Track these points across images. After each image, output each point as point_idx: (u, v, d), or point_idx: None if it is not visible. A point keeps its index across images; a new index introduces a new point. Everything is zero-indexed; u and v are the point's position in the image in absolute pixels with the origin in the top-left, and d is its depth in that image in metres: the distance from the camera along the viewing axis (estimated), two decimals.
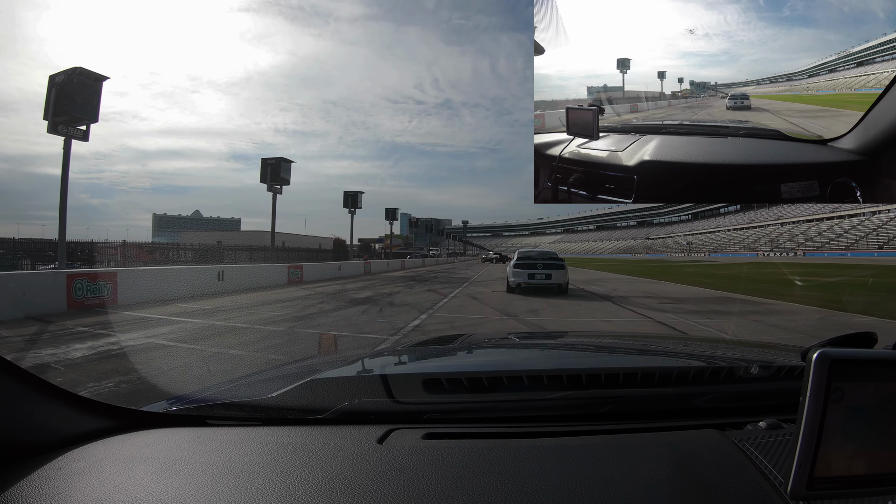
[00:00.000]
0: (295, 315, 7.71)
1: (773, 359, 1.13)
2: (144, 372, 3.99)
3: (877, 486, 0.48)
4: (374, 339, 5.63)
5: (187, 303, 8.95)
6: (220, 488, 0.60)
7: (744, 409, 0.84)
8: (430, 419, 0.81)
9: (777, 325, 6.53)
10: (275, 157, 20.01)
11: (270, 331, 6.18)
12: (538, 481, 0.60)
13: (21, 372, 0.70)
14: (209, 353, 4.77)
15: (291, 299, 10.18)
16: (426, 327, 6.59)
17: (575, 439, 0.73)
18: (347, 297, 10.77)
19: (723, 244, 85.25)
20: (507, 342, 1.80)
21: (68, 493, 0.59)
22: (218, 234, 44.93)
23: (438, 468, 0.63)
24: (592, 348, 1.61)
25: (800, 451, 0.46)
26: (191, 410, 0.85)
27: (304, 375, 0.97)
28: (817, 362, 0.45)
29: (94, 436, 0.75)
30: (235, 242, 31.08)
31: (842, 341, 0.59)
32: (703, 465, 0.64)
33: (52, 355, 4.52)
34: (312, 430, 0.78)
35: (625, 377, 0.96)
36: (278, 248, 25.16)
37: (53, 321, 6.60)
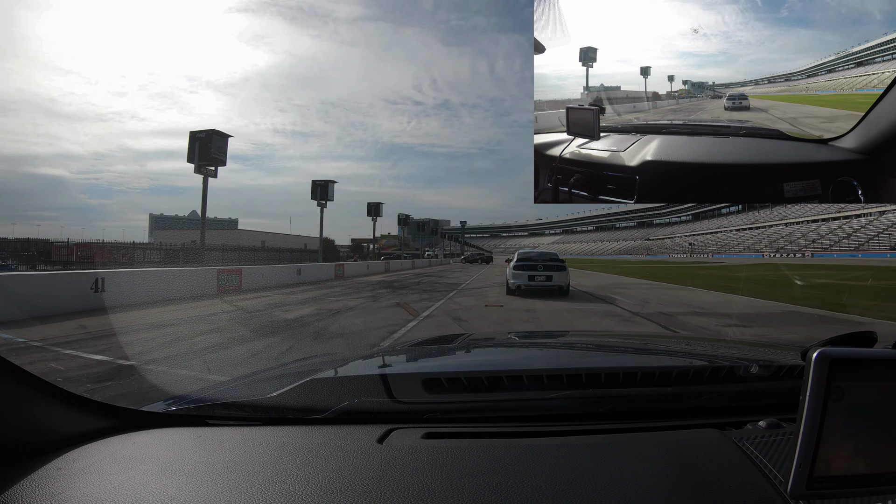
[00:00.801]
0: (113, 368, 4.11)
1: (773, 358, 1.13)
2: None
3: (877, 486, 0.48)
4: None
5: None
6: (221, 488, 0.60)
7: (744, 408, 0.84)
8: (430, 419, 0.81)
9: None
10: (205, 130, 15.64)
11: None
12: (538, 481, 0.60)
13: (21, 372, 0.71)
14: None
15: (163, 324, 6.60)
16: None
17: (575, 439, 0.73)
18: (265, 319, 7.51)
19: (726, 245, 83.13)
20: (507, 341, 1.80)
21: (68, 493, 0.59)
22: (216, 234, 44.37)
23: (438, 468, 0.63)
24: (592, 348, 1.61)
25: (800, 450, 0.46)
26: (191, 410, 0.85)
27: (303, 375, 0.97)
28: (817, 361, 0.45)
29: (94, 436, 0.75)
30: (224, 242, 30.29)
31: (841, 340, 0.59)
32: (702, 465, 0.64)
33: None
34: (312, 430, 0.78)
35: (625, 377, 0.96)
36: (256, 248, 24.59)
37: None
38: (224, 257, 22.17)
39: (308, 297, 11.07)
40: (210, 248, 20.27)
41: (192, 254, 18.61)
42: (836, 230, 66.98)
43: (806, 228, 73.69)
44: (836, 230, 66.98)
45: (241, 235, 46.26)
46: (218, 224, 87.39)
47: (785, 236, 74.61)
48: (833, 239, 64.60)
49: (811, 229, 71.95)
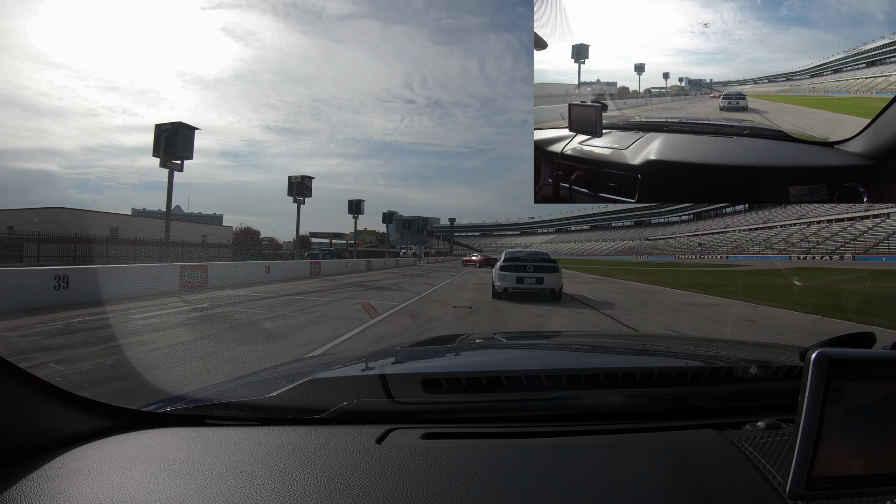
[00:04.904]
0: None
1: (772, 359, 1.13)
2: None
3: (875, 486, 0.48)
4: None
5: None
6: (219, 488, 0.60)
7: (742, 409, 0.84)
8: (429, 419, 0.81)
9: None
10: (171, 123, 14.27)
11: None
12: (537, 481, 0.60)
13: (20, 372, 0.70)
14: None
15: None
16: None
17: (573, 439, 0.73)
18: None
19: (740, 245, 75.38)
20: (506, 342, 1.80)
21: (68, 493, 0.59)
22: (202, 228, 42.68)
23: (437, 468, 0.63)
24: (591, 348, 1.62)
25: (798, 451, 0.46)
26: (189, 410, 0.85)
27: (302, 375, 0.97)
28: (816, 362, 0.45)
29: (94, 435, 0.75)
30: (208, 237, 30.17)
31: (840, 341, 0.59)
32: (701, 465, 0.64)
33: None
34: (311, 430, 0.78)
35: (623, 377, 0.96)
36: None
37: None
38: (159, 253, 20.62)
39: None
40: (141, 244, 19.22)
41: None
42: (873, 229, 59.16)
43: (833, 228, 65.63)
44: (873, 229, 59.16)
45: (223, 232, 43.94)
46: (202, 219, 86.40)
47: (809, 236, 67.13)
48: (870, 239, 57.12)
49: (840, 228, 64.35)
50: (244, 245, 40.75)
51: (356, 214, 32.45)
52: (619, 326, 6.84)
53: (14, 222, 26.56)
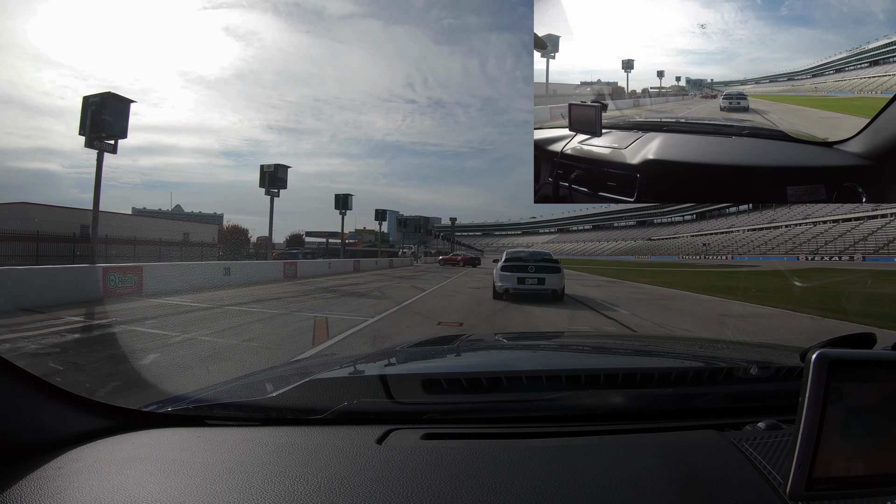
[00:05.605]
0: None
1: (773, 359, 1.13)
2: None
3: (876, 487, 0.48)
4: None
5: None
6: (220, 488, 0.60)
7: (743, 409, 0.84)
8: (430, 419, 0.81)
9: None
10: (100, 94, 12.19)
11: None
12: (537, 481, 0.60)
13: (20, 371, 0.71)
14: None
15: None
16: None
17: (574, 440, 0.73)
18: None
19: (745, 246, 73.62)
20: (506, 343, 1.80)
21: (68, 492, 0.59)
22: (184, 226, 39.33)
23: (437, 468, 0.63)
24: (591, 349, 1.61)
25: (799, 451, 0.46)
26: (190, 410, 0.85)
27: (303, 375, 0.97)
28: (816, 363, 0.45)
29: (94, 435, 0.75)
30: (191, 235, 29.48)
31: (841, 342, 0.59)
32: (702, 466, 0.64)
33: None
34: (311, 431, 0.78)
35: (624, 378, 0.96)
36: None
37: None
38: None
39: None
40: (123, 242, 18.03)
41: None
42: (883, 228, 57.59)
43: (841, 228, 63.75)
44: (883, 228, 57.59)
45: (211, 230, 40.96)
46: (202, 219, 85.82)
47: (817, 236, 64.99)
48: (881, 239, 55.62)
49: (848, 228, 62.58)
50: (231, 244, 37.76)
51: (343, 210, 29.54)
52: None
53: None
